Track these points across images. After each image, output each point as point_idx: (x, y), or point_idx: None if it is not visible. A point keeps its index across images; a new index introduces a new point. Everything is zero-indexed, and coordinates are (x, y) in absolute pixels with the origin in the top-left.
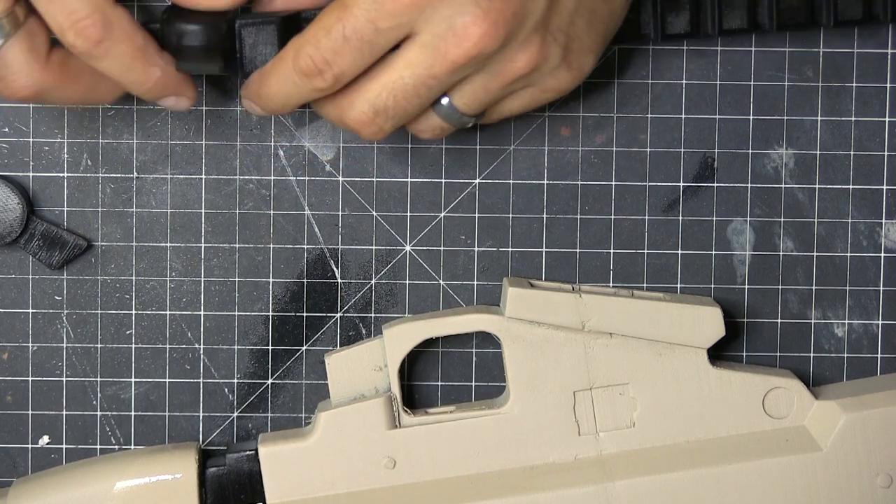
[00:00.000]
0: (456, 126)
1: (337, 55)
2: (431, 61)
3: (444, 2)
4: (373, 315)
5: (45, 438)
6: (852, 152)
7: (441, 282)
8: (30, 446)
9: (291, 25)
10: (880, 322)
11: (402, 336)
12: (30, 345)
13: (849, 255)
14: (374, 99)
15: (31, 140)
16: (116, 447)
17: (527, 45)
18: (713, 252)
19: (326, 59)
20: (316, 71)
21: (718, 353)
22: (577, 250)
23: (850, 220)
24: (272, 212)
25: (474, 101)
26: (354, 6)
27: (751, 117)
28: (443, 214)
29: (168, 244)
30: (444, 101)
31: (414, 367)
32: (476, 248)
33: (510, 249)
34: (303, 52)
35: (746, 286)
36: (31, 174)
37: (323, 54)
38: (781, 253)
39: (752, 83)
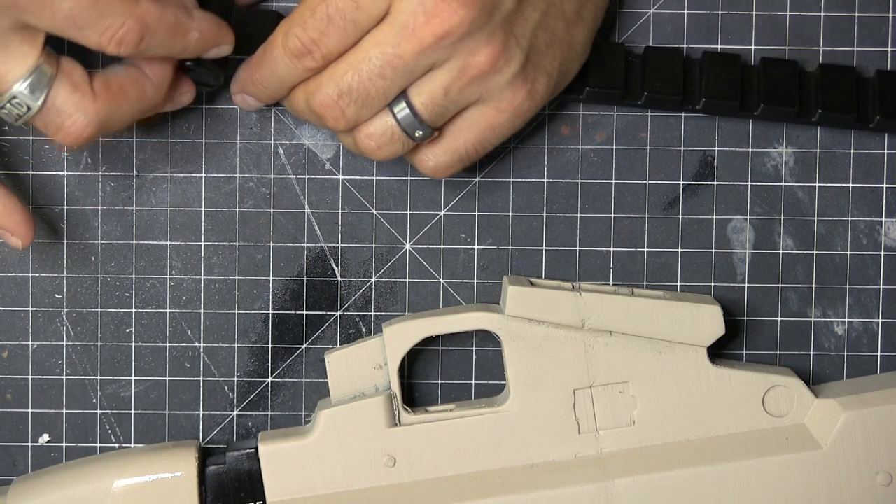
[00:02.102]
0: (408, 132)
1: (323, 35)
2: (399, 39)
3: None
4: (373, 313)
5: (45, 437)
6: (852, 151)
7: (441, 280)
8: (30, 444)
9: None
10: (880, 320)
11: (402, 334)
12: (30, 343)
13: (849, 253)
14: (340, 79)
15: (31, 139)
16: (116, 445)
17: (491, 40)
18: (713, 250)
19: (313, 38)
20: (305, 51)
21: (718, 352)
22: (577, 249)
23: (850, 219)
24: (272, 210)
25: (432, 101)
26: None
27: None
28: (443, 213)
29: (168, 242)
30: (402, 100)
31: (414, 365)
32: (476, 247)
33: (510, 248)
34: (291, 33)
35: (746, 284)
36: (31, 173)
37: (310, 34)
38: (781, 251)
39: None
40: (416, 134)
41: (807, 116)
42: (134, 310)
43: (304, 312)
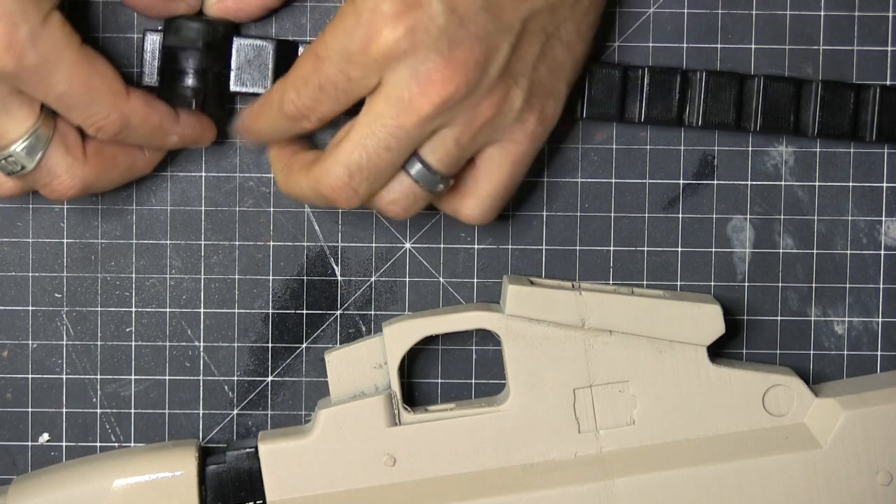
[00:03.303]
0: (429, 189)
1: (317, 103)
2: (397, 110)
3: (409, 52)
4: (373, 312)
5: (45, 436)
6: (852, 150)
7: (441, 279)
8: (30, 444)
9: (286, 51)
10: (880, 319)
11: (402, 333)
12: (30, 342)
13: (849, 252)
14: (347, 159)
15: None
16: (116, 444)
17: (492, 91)
18: (713, 249)
19: (308, 105)
20: (301, 116)
21: (718, 351)
22: (577, 248)
23: (849, 218)
24: (272, 209)
25: (447, 155)
26: (327, 59)
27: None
28: (443, 212)
29: (168, 241)
30: (416, 160)
31: (414, 364)
32: (476, 246)
33: (510, 247)
34: (286, 99)
35: (746, 284)
36: None
37: (304, 102)
38: (781, 250)
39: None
40: (438, 188)
41: (804, 133)
42: (134, 309)
43: (304, 312)
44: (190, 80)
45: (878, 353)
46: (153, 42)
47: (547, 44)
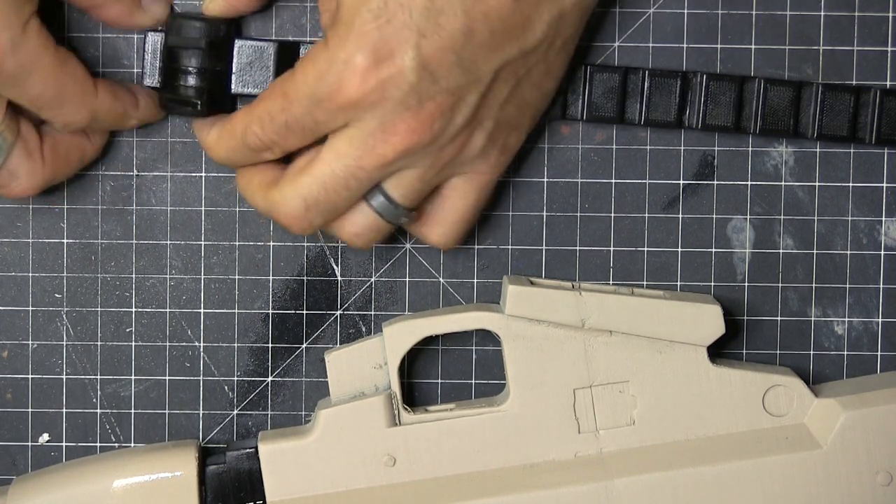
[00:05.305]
0: (391, 222)
1: (282, 138)
2: (360, 153)
3: (377, 101)
4: (373, 313)
5: (45, 436)
6: (852, 150)
7: (441, 279)
8: (30, 444)
9: (287, 52)
10: (880, 320)
11: (402, 334)
12: (30, 342)
13: (849, 252)
14: (306, 193)
15: None
16: (116, 445)
17: (456, 138)
18: (713, 250)
19: (273, 140)
20: (264, 148)
21: (718, 351)
22: (577, 248)
23: (849, 218)
24: None
25: (410, 191)
26: (295, 101)
27: None
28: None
29: (168, 242)
30: (379, 194)
31: (414, 364)
32: (476, 246)
33: (510, 247)
34: (250, 132)
35: (746, 284)
36: None
37: (269, 136)
38: (781, 251)
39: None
40: (402, 220)
41: (804, 136)
42: (134, 309)
43: (304, 312)
44: (193, 80)
45: (878, 353)
46: (154, 42)
47: (516, 86)
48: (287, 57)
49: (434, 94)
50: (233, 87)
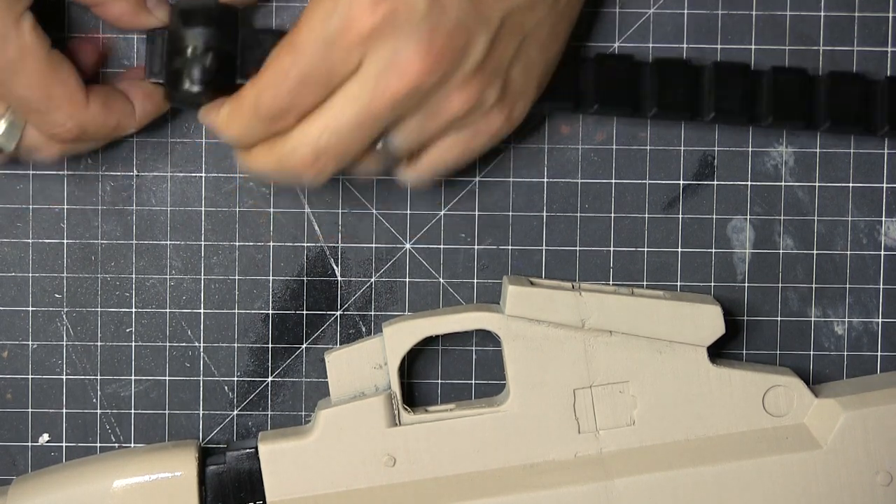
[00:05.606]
0: (390, 164)
1: (298, 97)
2: (371, 96)
3: (390, 34)
4: (373, 313)
5: (45, 436)
6: (852, 150)
7: (441, 280)
8: (30, 444)
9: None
10: (880, 320)
11: (402, 334)
12: (30, 342)
13: (849, 253)
14: (315, 141)
15: None
16: (116, 445)
17: (464, 86)
18: (713, 250)
19: (287, 102)
20: (279, 114)
21: (718, 351)
22: (577, 248)
23: (850, 218)
24: (272, 210)
25: (413, 138)
26: (307, 48)
27: None
28: (443, 212)
29: (168, 242)
30: (379, 140)
31: (414, 365)
32: (476, 246)
33: (510, 247)
34: (262, 99)
35: (746, 284)
36: (31, 172)
37: (283, 98)
38: (781, 251)
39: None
40: (399, 163)
41: (815, 127)
42: (134, 309)
43: (304, 312)
44: (197, 72)
45: (878, 353)
46: (158, 39)
47: (523, 43)
48: None
49: (444, 26)
50: (238, 77)
